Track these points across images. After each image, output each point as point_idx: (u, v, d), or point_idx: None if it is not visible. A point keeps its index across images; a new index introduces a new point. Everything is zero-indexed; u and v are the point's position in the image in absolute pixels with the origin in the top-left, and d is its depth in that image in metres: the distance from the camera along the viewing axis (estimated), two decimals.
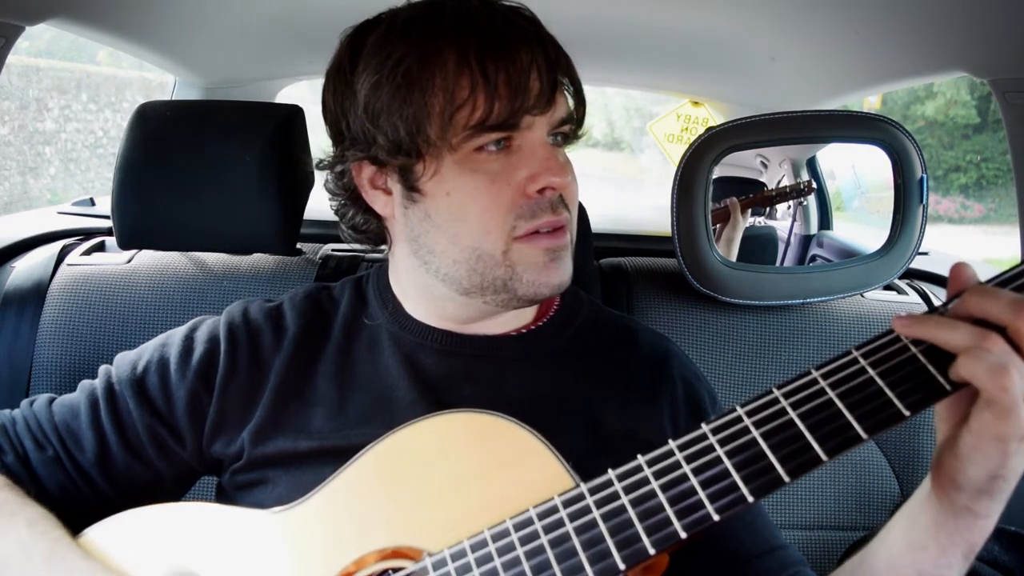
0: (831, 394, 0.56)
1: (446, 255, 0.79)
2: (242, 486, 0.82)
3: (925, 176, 1.24)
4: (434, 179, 0.77)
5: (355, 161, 0.82)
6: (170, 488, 0.87)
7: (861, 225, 1.52)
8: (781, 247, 1.48)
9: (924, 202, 1.24)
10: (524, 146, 0.77)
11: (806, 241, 1.51)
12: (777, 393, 0.58)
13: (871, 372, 0.56)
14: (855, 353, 0.57)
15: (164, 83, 2.02)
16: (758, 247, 1.43)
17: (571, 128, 0.82)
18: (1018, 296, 0.54)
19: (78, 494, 0.81)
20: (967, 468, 0.57)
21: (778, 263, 1.48)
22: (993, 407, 0.53)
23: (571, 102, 0.82)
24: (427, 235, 0.80)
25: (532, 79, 0.75)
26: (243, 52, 1.82)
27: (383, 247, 0.91)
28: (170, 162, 1.16)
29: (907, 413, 0.54)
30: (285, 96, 2.33)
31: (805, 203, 1.48)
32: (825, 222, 1.53)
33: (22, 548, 0.70)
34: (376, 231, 0.89)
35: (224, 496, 0.85)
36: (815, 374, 0.58)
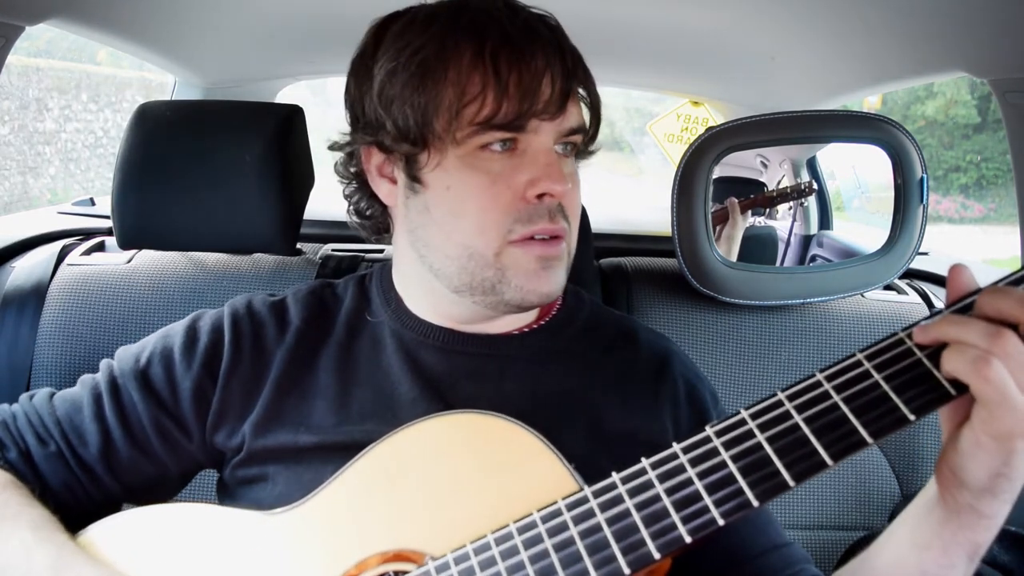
0: (836, 398, 0.56)
1: (440, 250, 0.80)
2: (242, 481, 0.82)
3: (925, 176, 1.23)
4: (436, 171, 0.77)
5: (363, 145, 0.83)
6: (174, 482, 0.87)
7: (861, 225, 1.52)
8: (781, 247, 1.48)
9: (924, 202, 1.24)
10: (529, 150, 0.77)
11: (806, 241, 1.50)
12: (781, 396, 0.58)
13: (876, 376, 0.56)
14: (859, 356, 0.57)
15: (164, 83, 2.01)
16: (758, 247, 1.43)
17: (582, 140, 0.81)
18: None
19: (81, 489, 0.81)
20: (969, 465, 0.57)
21: (778, 263, 1.48)
22: (983, 403, 0.53)
23: (587, 115, 0.81)
24: (424, 228, 0.80)
25: (544, 84, 0.75)
26: (243, 52, 1.81)
27: (383, 247, 0.91)
28: (170, 162, 1.16)
29: (912, 418, 0.54)
30: (285, 96, 2.32)
31: (805, 203, 1.47)
32: (825, 222, 1.52)
33: (26, 551, 0.69)
34: (380, 219, 0.89)
35: (224, 492, 0.85)
36: (819, 377, 0.58)
